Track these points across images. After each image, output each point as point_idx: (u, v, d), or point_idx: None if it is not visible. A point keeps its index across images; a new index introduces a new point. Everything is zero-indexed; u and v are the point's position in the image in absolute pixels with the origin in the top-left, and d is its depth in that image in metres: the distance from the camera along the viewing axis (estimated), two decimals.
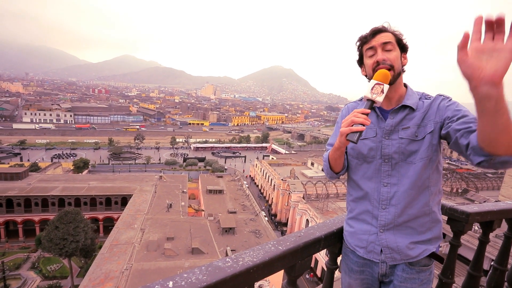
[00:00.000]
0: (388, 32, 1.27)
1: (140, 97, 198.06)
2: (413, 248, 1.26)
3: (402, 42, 1.28)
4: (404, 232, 1.26)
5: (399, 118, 1.27)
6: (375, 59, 1.24)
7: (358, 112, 1.12)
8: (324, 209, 29.97)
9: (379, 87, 1.13)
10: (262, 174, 47.80)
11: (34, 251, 26.91)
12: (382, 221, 1.28)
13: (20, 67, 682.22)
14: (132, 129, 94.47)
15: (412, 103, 1.27)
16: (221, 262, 0.90)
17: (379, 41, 1.25)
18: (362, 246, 1.34)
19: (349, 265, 1.40)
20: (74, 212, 23.04)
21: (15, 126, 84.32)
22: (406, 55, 1.30)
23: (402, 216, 1.25)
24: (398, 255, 1.27)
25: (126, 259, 18.22)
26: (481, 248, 1.80)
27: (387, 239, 1.27)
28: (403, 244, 1.26)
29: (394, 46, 1.25)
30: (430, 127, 1.23)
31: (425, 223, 1.27)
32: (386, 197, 1.27)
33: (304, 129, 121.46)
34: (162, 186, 34.19)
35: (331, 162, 1.37)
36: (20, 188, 30.73)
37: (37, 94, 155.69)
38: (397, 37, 1.27)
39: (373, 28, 1.29)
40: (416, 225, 1.26)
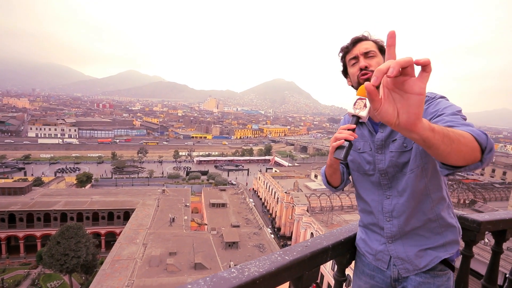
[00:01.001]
0: (368, 41, 1.29)
1: (143, 111, 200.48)
2: (422, 256, 1.23)
3: (384, 48, 1.27)
4: (413, 239, 1.24)
5: (388, 131, 1.25)
6: (358, 67, 1.27)
7: (343, 128, 1.09)
8: (329, 222, 29.45)
9: (361, 102, 1.08)
10: (265, 187, 47.42)
11: (35, 267, 26.54)
12: (388, 233, 1.28)
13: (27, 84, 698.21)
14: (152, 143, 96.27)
15: None
16: (226, 273, 0.86)
17: (360, 50, 1.27)
18: (371, 253, 1.34)
19: (360, 267, 1.40)
20: (76, 227, 22.86)
21: (40, 141, 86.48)
22: None
23: (407, 226, 1.23)
24: (410, 266, 1.24)
25: (128, 275, 17.88)
26: (495, 259, 1.74)
27: (396, 250, 1.26)
28: (413, 253, 1.23)
29: (376, 53, 1.26)
30: None
31: (433, 228, 1.23)
32: (388, 210, 1.26)
33: (307, 141, 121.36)
34: (164, 200, 33.98)
35: (327, 177, 1.39)
36: (23, 202, 30.69)
37: (42, 110, 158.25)
38: (378, 44, 1.29)
39: (353, 38, 1.31)
40: (423, 232, 1.23)
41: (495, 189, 43.35)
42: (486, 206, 32.34)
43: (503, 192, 42.46)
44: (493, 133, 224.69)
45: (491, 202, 38.99)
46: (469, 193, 38.08)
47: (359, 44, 1.28)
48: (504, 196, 40.83)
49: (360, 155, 1.33)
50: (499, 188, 43.92)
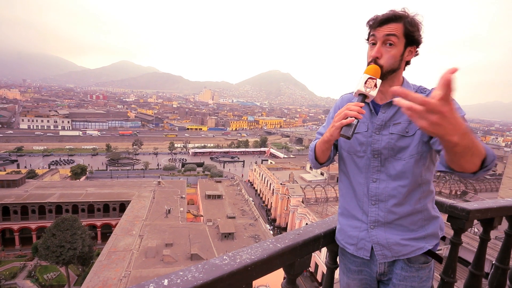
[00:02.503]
0: (398, 23, 1.13)
1: (138, 103, 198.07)
2: (405, 245, 1.22)
3: (412, 36, 1.14)
4: (395, 229, 1.23)
5: (391, 112, 1.22)
6: (371, 53, 1.18)
7: (352, 105, 1.08)
8: (324, 212, 29.86)
9: (372, 81, 1.09)
10: (261, 179, 47.68)
11: (31, 259, 26.53)
12: (372, 217, 1.24)
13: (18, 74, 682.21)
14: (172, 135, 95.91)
15: None
16: (218, 260, 0.87)
17: (382, 33, 1.14)
18: (352, 243, 1.30)
19: (347, 264, 1.37)
20: (71, 219, 22.79)
21: (62, 133, 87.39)
22: (414, 48, 1.18)
23: (392, 213, 1.22)
24: (389, 252, 1.23)
25: (124, 266, 18.00)
26: (482, 246, 1.79)
27: (377, 235, 1.24)
28: (394, 240, 1.22)
29: (397, 41, 1.14)
30: None
31: (417, 221, 1.23)
32: (375, 193, 1.23)
33: (302, 133, 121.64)
34: (160, 192, 33.99)
35: (317, 152, 1.33)
36: (17, 195, 30.42)
37: (34, 101, 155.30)
38: (407, 30, 1.13)
39: (384, 14, 1.16)
40: (407, 223, 1.22)
41: (485, 181, 44.21)
42: (476, 197, 33.07)
43: (494, 183, 43.35)
44: (485, 126, 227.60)
45: (482, 193, 39.85)
46: (461, 184, 38.82)
47: (386, 25, 1.14)
48: (495, 187, 41.70)
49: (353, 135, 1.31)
50: (489, 180, 44.81)
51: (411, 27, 1.13)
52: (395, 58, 1.15)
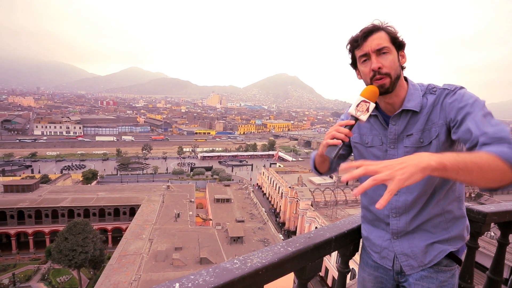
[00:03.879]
0: (380, 32, 1.11)
1: (147, 108, 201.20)
2: (427, 251, 1.18)
3: (397, 40, 1.12)
4: (419, 235, 1.19)
5: (403, 124, 1.15)
6: (370, 67, 1.11)
7: (342, 124, 1.06)
8: (333, 216, 29.48)
9: (365, 104, 1.07)
10: (269, 182, 47.54)
11: (44, 262, 27.09)
12: (394, 229, 1.22)
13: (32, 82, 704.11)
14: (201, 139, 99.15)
15: (414, 105, 1.13)
16: (229, 264, 0.87)
17: (372, 47, 1.09)
18: (376, 251, 1.30)
19: (364, 259, 1.38)
20: (83, 223, 23.20)
21: (98, 138, 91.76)
22: (403, 52, 1.16)
23: (414, 222, 1.19)
24: (415, 262, 1.19)
25: (135, 270, 18.16)
26: (501, 250, 1.72)
27: (401, 246, 1.21)
28: (418, 249, 1.18)
29: (390, 48, 1.10)
30: (434, 131, 1.10)
31: (438, 223, 1.18)
32: (395, 206, 1.20)
33: (311, 136, 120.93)
34: (169, 196, 34.27)
35: (316, 163, 1.35)
36: (31, 199, 31.20)
37: (47, 108, 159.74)
38: (391, 36, 1.11)
39: (363, 29, 1.12)
40: (429, 227, 1.18)
41: None
42: (492, 200, 32.09)
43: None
44: None
45: (498, 195, 38.64)
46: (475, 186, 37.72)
47: (371, 37, 1.10)
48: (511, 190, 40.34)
49: (367, 149, 1.26)
50: None
51: (394, 32, 1.13)
52: (396, 64, 1.12)
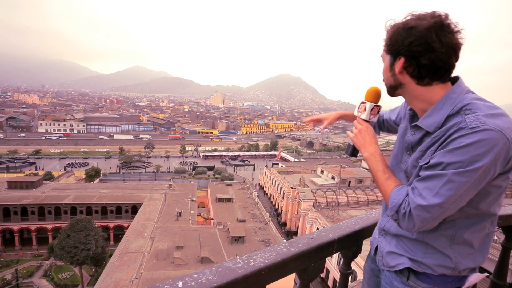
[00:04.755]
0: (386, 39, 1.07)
1: (150, 107, 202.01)
2: (394, 258, 1.16)
3: (390, 47, 1.04)
4: (395, 243, 1.17)
5: (417, 137, 1.08)
6: None
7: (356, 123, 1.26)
8: (335, 217, 29.40)
9: (363, 105, 1.22)
10: (271, 182, 47.52)
11: (47, 259, 27.31)
12: (380, 225, 1.28)
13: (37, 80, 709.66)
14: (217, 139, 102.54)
15: (428, 124, 1.01)
16: (232, 263, 0.87)
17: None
18: (374, 236, 1.38)
19: (369, 262, 1.42)
20: (85, 220, 23.36)
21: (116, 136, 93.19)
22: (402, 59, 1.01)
23: (392, 228, 1.18)
24: (383, 261, 1.22)
25: (136, 268, 18.24)
26: (505, 254, 1.71)
27: (382, 243, 1.25)
28: (388, 251, 1.19)
29: (383, 57, 1.10)
30: (426, 158, 0.99)
31: (417, 247, 1.10)
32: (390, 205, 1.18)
33: (313, 137, 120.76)
34: (171, 195, 34.38)
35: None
36: (35, 196, 31.46)
37: (52, 105, 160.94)
38: (386, 42, 1.06)
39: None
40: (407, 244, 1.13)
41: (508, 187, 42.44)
42: None
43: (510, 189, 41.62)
44: None
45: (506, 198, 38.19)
46: None
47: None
48: None
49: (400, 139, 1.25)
50: (510, 185, 43.00)
51: (387, 40, 1.05)
52: (386, 73, 1.10)
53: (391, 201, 1.03)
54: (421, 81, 1.02)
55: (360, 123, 1.23)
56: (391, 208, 1.02)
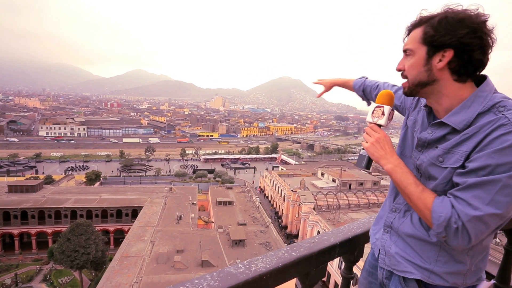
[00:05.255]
0: (419, 28, 0.98)
1: (150, 110, 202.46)
2: (400, 263, 1.10)
3: (431, 39, 0.94)
4: (403, 245, 1.11)
5: (437, 135, 1.01)
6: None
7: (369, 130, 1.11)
8: (336, 220, 29.30)
9: (379, 109, 1.09)
10: (272, 185, 47.44)
11: (47, 263, 27.19)
12: (386, 222, 1.19)
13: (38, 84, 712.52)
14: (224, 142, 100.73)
15: (456, 121, 0.95)
16: (233, 268, 0.87)
17: (404, 45, 1.04)
18: (372, 242, 1.29)
19: (365, 263, 1.37)
20: (86, 224, 23.31)
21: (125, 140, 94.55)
22: (446, 52, 0.93)
23: (404, 227, 1.10)
24: (388, 260, 1.15)
25: (136, 271, 18.15)
26: (508, 258, 1.70)
27: (386, 240, 1.17)
28: (394, 253, 1.12)
29: (413, 50, 0.99)
30: (457, 160, 0.92)
31: (428, 251, 1.03)
32: (400, 202, 1.15)
33: (314, 139, 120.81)
34: (172, 198, 34.31)
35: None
36: (35, 200, 31.42)
37: (53, 109, 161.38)
38: (426, 35, 0.96)
39: (409, 23, 1.04)
40: (416, 247, 1.06)
41: None
42: None
43: None
44: None
45: None
46: None
47: (411, 34, 1.02)
48: None
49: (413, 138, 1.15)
50: None
51: (431, 30, 0.94)
52: (417, 68, 0.99)
53: (437, 215, 0.88)
54: (460, 78, 0.96)
55: (376, 131, 1.08)
56: (439, 225, 0.87)
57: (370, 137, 1.07)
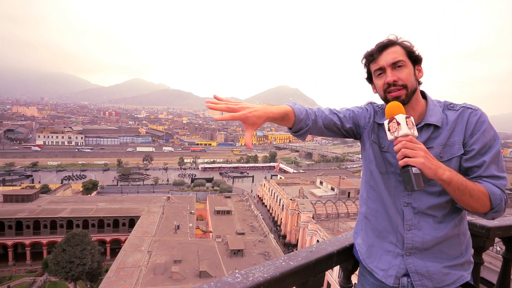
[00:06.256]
0: (396, 46, 1.13)
1: (149, 119, 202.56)
2: (447, 274, 1.12)
3: (413, 54, 1.14)
4: (435, 256, 1.13)
5: (424, 138, 1.13)
6: (385, 80, 1.13)
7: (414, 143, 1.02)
8: (335, 229, 29.04)
9: (393, 124, 1.04)
10: (270, 194, 47.17)
11: (41, 275, 26.62)
12: (409, 244, 1.13)
13: (36, 93, 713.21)
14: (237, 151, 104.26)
15: (436, 120, 1.14)
16: (231, 278, 0.86)
17: (387, 61, 1.12)
18: (383, 268, 1.18)
19: (364, 286, 1.27)
20: (82, 234, 22.96)
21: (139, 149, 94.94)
22: (420, 66, 1.17)
23: (430, 239, 1.12)
24: (430, 282, 1.11)
25: (133, 283, 17.80)
26: (506, 266, 1.69)
27: (415, 264, 1.12)
28: (435, 269, 1.12)
29: (405, 62, 1.12)
30: (459, 149, 1.11)
31: (455, 246, 1.14)
32: (410, 218, 1.14)
33: (312, 148, 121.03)
34: (169, 207, 33.99)
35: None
36: (30, 210, 31.00)
37: (50, 118, 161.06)
38: (407, 50, 1.13)
39: (378, 43, 1.15)
40: (447, 249, 1.13)
41: (510, 195, 42.38)
42: None
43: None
44: (502, 138, 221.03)
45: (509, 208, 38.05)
46: None
47: (386, 51, 1.13)
48: None
49: (382, 153, 1.22)
50: (509, 195, 42.95)
51: (410, 46, 1.15)
52: (411, 77, 1.13)
53: (497, 196, 1.02)
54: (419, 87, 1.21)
55: (417, 143, 1.01)
56: (500, 204, 1.03)
57: (416, 150, 0.98)
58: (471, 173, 1.09)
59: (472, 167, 1.09)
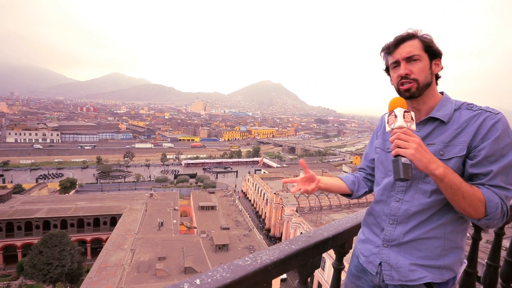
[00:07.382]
0: (413, 40, 1.14)
1: (129, 115, 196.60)
2: (413, 271, 1.14)
3: (431, 48, 1.14)
4: (409, 252, 1.15)
5: (426, 131, 1.15)
6: (398, 73, 1.16)
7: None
8: (318, 221, 29.86)
9: (392, 116, 1.08)
10: (254, 189, 47.54)
11: (16, 278, 25.44)
12: (387, 236, 1.20)
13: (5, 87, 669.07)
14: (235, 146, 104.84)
15: (442, 115, 1.13)
16: (241, 261, 0.96)
17: (402, 54, 1.13)
18: (365, 254, 1.30)
19: (351, 267, 1.40)
20: (60, 234, 22.15)
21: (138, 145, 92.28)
22: (439, 60, 1.17)
23: (409, 234, 1.15)
24: (397, 274, 1.17)
25: (116, 282, 17.49)
26: (475, 245, 1.90)
27: (388, 255, 1.19)
28: (403, 263, 1.15)
29: (421, 56, 1.12)
30: (461, 149, 1.07)
31: (434, 248, 1.12)
32: (395, 213, 1.19)
33: (295, 142, 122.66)
34: (153, 204, 33.44)
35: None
36: (2, 211, 29.41)
37: (22, 114, 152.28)
38: (425, 44, 1.13)
39: (396, 36, 1.16)
40: (423, 248, 1.13)
41: None
42: None
43: None
44: None
45: None
46: None
47: (402, 45, 1.14)
48: None
49: (387, 155, 1.26)
50: None
51: (427, 41, 1.14)
52: (425, 71, 1.13)
53: (493, 204, 0.98)
54: (436, 82, 1.20)
55: (411, 135, 1.02)
56: (496, 212, 0.98)
57: (409, 142, 1.00)
58: (476, 180, 1.04)
59: (477, 174, 1.04)
